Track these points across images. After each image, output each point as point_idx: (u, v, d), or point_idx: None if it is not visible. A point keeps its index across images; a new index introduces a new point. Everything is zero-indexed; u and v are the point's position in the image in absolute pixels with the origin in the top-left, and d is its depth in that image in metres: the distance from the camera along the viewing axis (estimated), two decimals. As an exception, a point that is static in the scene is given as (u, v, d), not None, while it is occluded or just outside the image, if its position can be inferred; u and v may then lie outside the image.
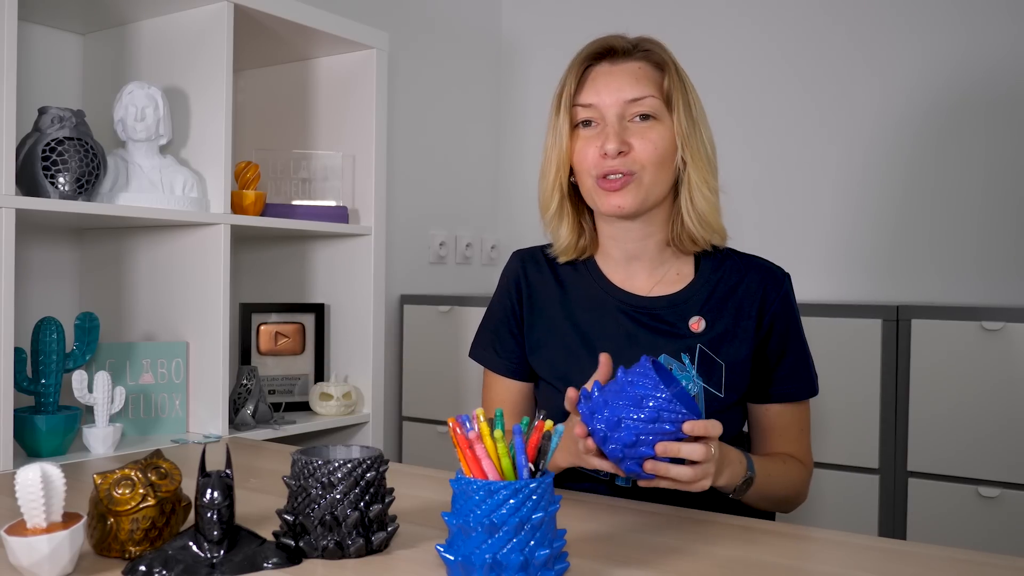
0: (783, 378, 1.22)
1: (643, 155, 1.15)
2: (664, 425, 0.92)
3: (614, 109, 1.16)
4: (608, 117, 1.16)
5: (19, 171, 1.44)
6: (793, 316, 1.24)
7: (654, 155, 1.15)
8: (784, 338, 1.22)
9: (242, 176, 1.80)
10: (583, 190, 1.21)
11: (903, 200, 2.32)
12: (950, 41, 2.25)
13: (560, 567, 0.82)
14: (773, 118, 2.48)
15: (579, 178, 1.20)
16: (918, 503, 1.84)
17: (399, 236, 2.52)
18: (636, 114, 1.16)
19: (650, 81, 1.17)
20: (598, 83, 1.18)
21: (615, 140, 1.14)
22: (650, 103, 1.16)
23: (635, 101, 1.16)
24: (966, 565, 0.88)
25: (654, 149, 1.15)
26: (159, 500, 0.90)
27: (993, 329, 1.77)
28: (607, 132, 1.15)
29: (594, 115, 1.18)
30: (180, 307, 1.70)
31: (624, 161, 1.14)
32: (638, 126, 1.16)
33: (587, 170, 1.17)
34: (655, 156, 1.15)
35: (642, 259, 1.24)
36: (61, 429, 1.45)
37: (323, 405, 1.92)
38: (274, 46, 1.96)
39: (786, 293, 1.23)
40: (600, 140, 1.15)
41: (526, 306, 1.29)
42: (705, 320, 1.20)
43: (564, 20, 2.82)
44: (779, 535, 0.99)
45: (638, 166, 1.15)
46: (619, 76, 1.17)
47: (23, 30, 1.69)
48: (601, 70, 1.19)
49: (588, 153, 1.17)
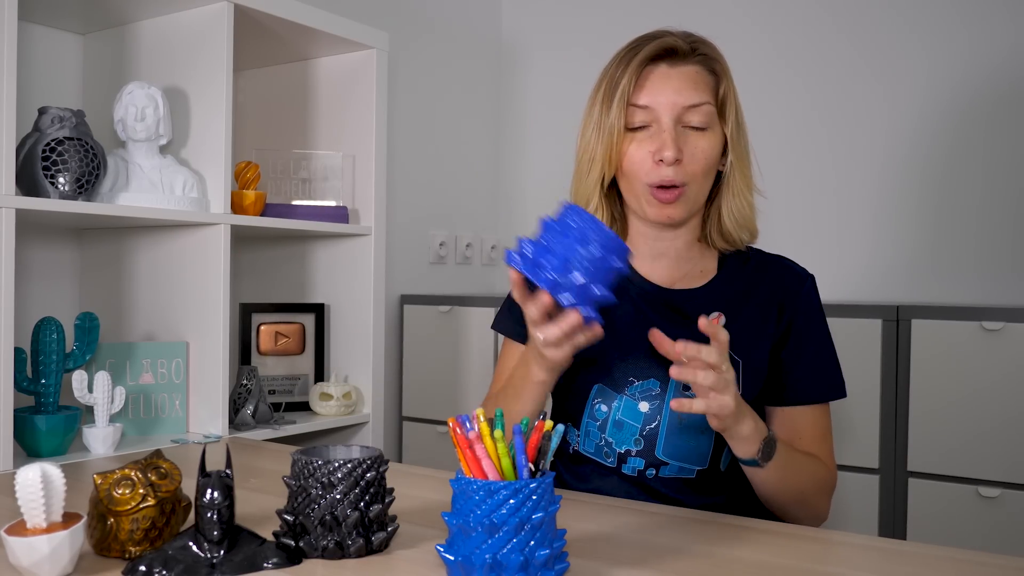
0: (801, 379, 1.20)
1: (693, 166, 1.14)
2: (611, 260, 0.94)
3: (670, 113, 1.13)
4: (664, 121, 1.14)
5: (19, 171, 1.44)
6: (815, 316, 1.22)
7: (704, 166, 1.15)
8: (803, 338, 1.20)
9: (242, 176, 1.80)
10: (630, 193, 1.19)
11: (903, 200, 2.32)
12: (950, 43, 2.25)
13: (560, 567, 0.82)
14: (775, 121, 2.48)
15: (627, 181, 1.18)
16: (918, 503, 1.84)
17: (399, 236, 2.52)
18: (690, 123, 1.14)
19: (707, 87, 1.16)
20: (656, 86, 1.15)
21: (673, 147, 1.12)
22: (707, 110, 1.15)
23: (692, 108, 1.14)
24: (966, 565, 0.88)
25: (704, 160, 1.15)
26: (159, 500, 0.90)
27: (993, 329, 1.77)
28: (663, 138, 1.13)
29: (648, 118, 1.15)
30: (180, 307, 1.70)
31: (677, 171, 1.13)
32: (690, 135, 1.14)
33: (638, 175, 1.16)
34: (704, 167, 1.15)
35: (668, 255, 1.23)
36: (61, 429, 1.45)
37: (323, 405, 1.92)
38: (274, 46, 1.96)
39: (808, 292, 1.22)
40: (654, 145, 1.13)
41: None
42: (724, 317, 1.19)
43: (564, 20, 2.82)
44: (779, 535, 0.99)
45: (688, 177, 1.14)
46: (677, 80, 1.15)
47: (23, 30, 1.69)
48: (660, 72, 1.15)
49: (640, 157, 1.15)
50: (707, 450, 1.16)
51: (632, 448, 1.17)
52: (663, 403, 1.16)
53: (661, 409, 1.16)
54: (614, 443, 1.18)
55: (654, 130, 1.15)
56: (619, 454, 1.18)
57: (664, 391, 1.16)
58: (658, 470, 1.16)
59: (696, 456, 1.16)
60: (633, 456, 1.17)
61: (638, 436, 1.16)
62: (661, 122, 1.14)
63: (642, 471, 1.17)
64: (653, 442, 1.16)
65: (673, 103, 1.13)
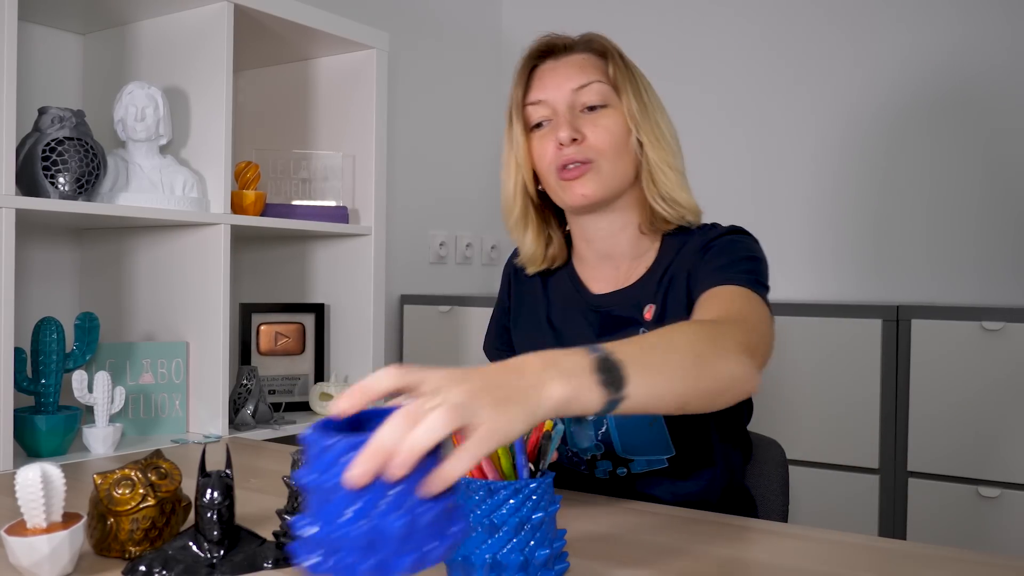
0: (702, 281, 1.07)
1: (597, 142, 1.14)
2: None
3: (563, 100, 1.15)
4: (559, 109, 1.15)
5: (19, 171, 1.44)
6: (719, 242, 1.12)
7: (608, 140, 1.14)
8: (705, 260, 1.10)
9: (242, 176, 1.80)
10: (550, 191, 1.19)
11: (903, 200, 2.32)
12: (947, 41, 2.25)
13: (560, 567, 0.82)
14: (773, 120, 2.48)
15: (544, 180, 1.19)
16: (918, 503, 1.84)
17: (399, 236, 2.52)
18: (585, 104, 1.15)
19: (595, 68, 1.17)
20: (544, 79, 1.18)
21: (567, 128, 1.13)
22: (597, 88, 1.15)
23: (582, 88, 1.15)
24: (966, 565, 0.88)
25: (608, 135, 1.14)
26: (159, 500, 0.90)
27: (993, 329, 1.77)
28: (559, 122, 1.14)
29: (546, 113, 1.17)
30: (180, 307, 1.70)
31: (580, 149, 1.13)
32: (588, 116, 1.15)
33: (547, 167, 1.16)
34: (610, 141, 1.14)
35: (613, 258, 1.21)
36: (61, 429, 1.45)
37: (323, 405, 1.92)
38: (274, 46, 1.96)
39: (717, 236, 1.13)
40: (554, 134, 1.15)
41: (515, 302, 1.30)
42: (656, 305, 1.16)
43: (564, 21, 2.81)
44: (779, 535, 0.99)
45: (594, 153, 1.14)
46: (564, 68, 1.17)
47: (23, 30, 1.69)
48: (546, 67, 1.19)
49: (546, 149, 1.16)
50: (664, 438, 1.14)
51: (596, 453, 1.18)
52: None
53: None
54: (579, 451, 1.18)
55: (554, 122, 1.16)
56: (587, 461, 1.19)
57: None
58: (629, 467, 1.16)
59: (657, 446, 1.15)
60: (600, 459, 1.18)
61: (597, 441, 1.17)
62: (557, 111, 1.16)
63: (613, 472, 1.17)
64: (610, 443, 1.16)
65: (563, 90, 1.15)
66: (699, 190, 1.21)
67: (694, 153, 1.20)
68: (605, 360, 0.72)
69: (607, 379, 0.71)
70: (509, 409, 0.64)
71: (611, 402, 0.71)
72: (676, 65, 2.58)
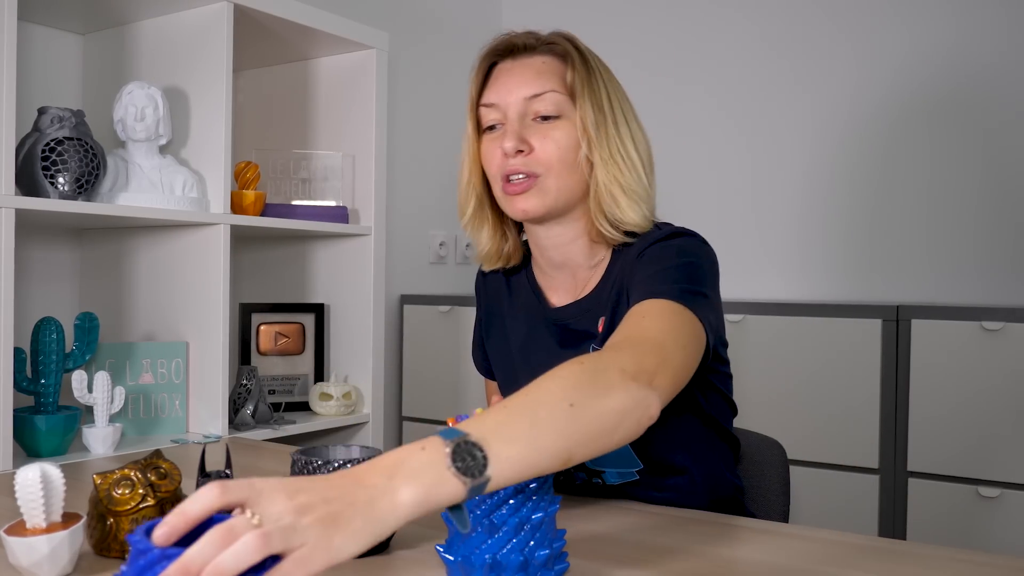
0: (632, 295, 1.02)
1: (544, 155, 1.08)
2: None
3: (515, 108, 1.10)
4: (509, 116, 1.11)
5: (19, 171, 1.44)
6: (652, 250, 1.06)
7: (556, 155, 1.08)
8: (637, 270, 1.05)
9: (242, 176, 1.80)
10: (496, 197, 1.15)
11: (903, 200, 2.31)
12: (946, 40, 2.25)
13: (560, 567, 0.82)
14: (771, 119, 2.48)
15: (492, 184, 1.15)
16: (918, 503, 1.84)
17: (399, 236, 2.52)
18: (538, 113, 1.10)
19: (553, 75, 1.11)
20: (499, 82, 1.13)
21: (513, 138, 1.08)
22: (552, 99, 1.10)
23: (535, 97, 1.10)
24: (966, 565, 0.88)
25: (556, 149, 1.08)
26: (159, 500, 0.90)
27: (993, 329, 1.77)
28: (505, 131, 1.10)
29: (498, 116, 1.12)
30: (180, 307, 1.70)
31: (526, 161, 1.08)
32: (540, 126, 1.10)
33: (494, 173, 1.12)
34: (557, 156, 1.08)
35: (567, 267, 1.16)
36: (61, 429, 1.45)
37: (323, 405, 1.92)
38: (274, 46, 1.96)
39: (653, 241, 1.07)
40: (502, 141, 1.10)
41: (485, 312, 1.28)
42: (607, 317, 1.10)
43: (564, 21, 2.81)
44: (779, 535, 0.99)
45: (541, 167, 1.08)
46: (520, 72, 1.12)
47: (23, 30, 1.69)
48: (503, 68, 1.14)
49: (494, 156, 1.12)
50: (628, 453, 1.11)
51: None
52: None
53: None
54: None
55: (504, 129, 1.12)
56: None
57: None
58: (602, 478, 1.15)
59: (623, 460, 1.12)
60: (574, 470, 1.16)
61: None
62: (508, 117, 1.12)
63: (588, 481, 1.16)
64: None
65: (516, 96, 1.10)
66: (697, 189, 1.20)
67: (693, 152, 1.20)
68: (460, 446, 0.67)
69: (463, 467, 0.66)
70: (342, 527, 0.60)
71: (474, 488, 0.67)
72: (675, 64, 2.58)
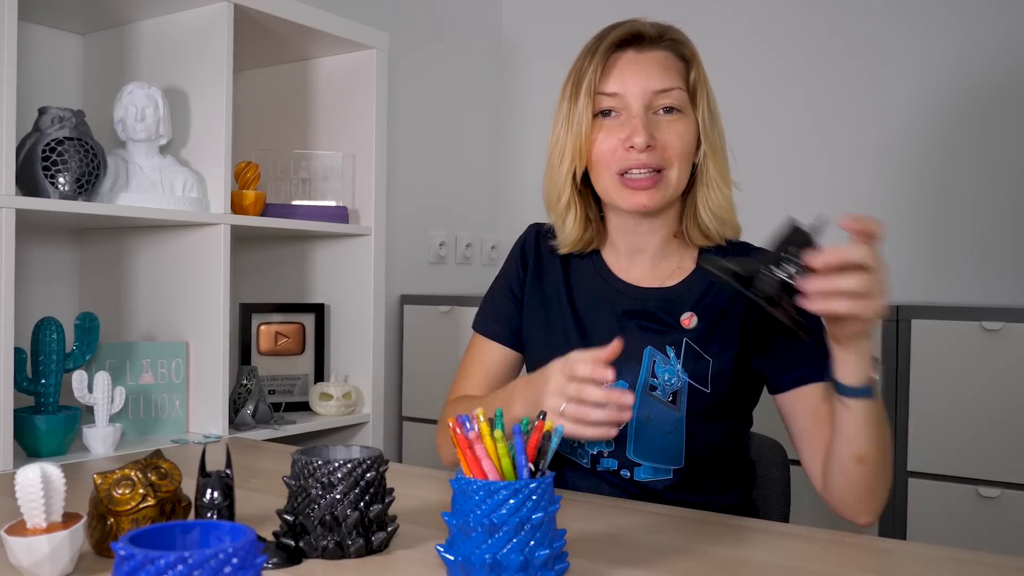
0: (788, 362, 1.12)
1: (671, 150, 1.11)
2: None
3: (641, 99, 1.10)
4: (634, 108, 1.10)
5: (19, 171, 1.44)
6: None
7: (681, 149, 1.11)
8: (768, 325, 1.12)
9: (242, 176, 1.80)
10: (599, 184, 1.15)
11: (903, 200, 2.31)
12: (943, 37, 2.25)
13: (560, 567, 0.82)
14: (773, 120, 2.48)
15: (595, 170, 1.14)
16: (918, 503, 1.84)
17: (399, 236, 2.52)
18: (662, 106, 1.11)
19: (677, 73, 1.13)
20: (625, 71, 1.12)
21: (644, 133, 1.08)
22: (678, 95, 1.12)
23: (663, 92, 1.11)
24: (966, 565, 0.88)
25: (681, 143, 1.11)
26: (159, 500, 0.90)
27: (993, 329, 1.77)
28: (634, 124, 1.09)
29: (617, 105, 1.12)
30: (180, 307, 1.70)
31: (652, 156, 1.09)
32: (664, 119, 1.11)
33: (607, 163, 1.12)
34: (682, 151, 1.11)
35: (645, 251, 1.20)
36: (61, 429, 1.45)
37: (323, 405, 1.92)
38: (274, 46, 1.96)
39: None
40: (624, 132, 1.10)
41: (532, 277, 1.26)
42: (697, 316, 1.15)
43: (564, 20, 2.81)
44: (779, 535, 0.99)
45: (665, 161, 1.11)
46: (647, 65, 1.12)
47: (23, 30, 1.69)
48: (627, 58, 1.13)
49: (609, 145, 1.12)
50: (679, 448, 1.13)
51: (604, 449, 1.16)
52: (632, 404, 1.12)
53: None
54: (586, 444, 1.16)
55: (623, 118, 1.12)
56: (592, 455, 1.17)
57: (632, 392, 1.14)
58: (632, 472, 1.15)
59: (669, 455, 1.14)
60: (606, 457, 1.16)
61: None
62: (631, 109, 1.11)
63: (616, 471, 1.16)
64: (623, 443, 1.14)
65: (643, 88, 1.11)
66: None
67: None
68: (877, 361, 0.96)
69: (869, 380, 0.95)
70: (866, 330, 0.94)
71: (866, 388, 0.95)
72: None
